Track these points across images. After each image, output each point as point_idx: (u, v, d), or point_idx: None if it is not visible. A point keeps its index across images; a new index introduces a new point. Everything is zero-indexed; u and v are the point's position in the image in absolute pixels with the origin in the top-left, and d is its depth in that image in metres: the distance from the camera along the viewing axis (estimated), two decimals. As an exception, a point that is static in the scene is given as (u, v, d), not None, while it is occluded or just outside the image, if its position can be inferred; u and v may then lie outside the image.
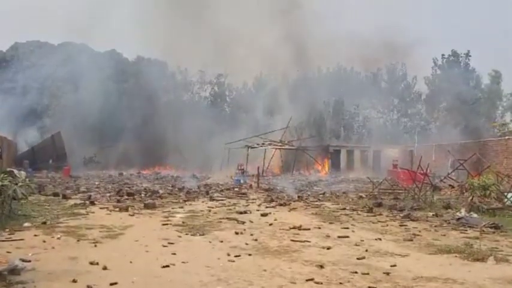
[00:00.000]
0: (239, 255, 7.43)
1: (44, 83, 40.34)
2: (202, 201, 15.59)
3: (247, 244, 8.37)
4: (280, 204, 14.86)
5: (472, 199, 13.12)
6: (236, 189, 20.81)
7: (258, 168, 24.59)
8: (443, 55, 49.22)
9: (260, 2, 50.79)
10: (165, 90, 49.18)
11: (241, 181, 24.26)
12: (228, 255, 7.45)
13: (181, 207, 13.77)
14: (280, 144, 36.23)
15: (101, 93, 39.22)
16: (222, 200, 16.13)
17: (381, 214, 12.82)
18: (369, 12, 70.45)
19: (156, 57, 47.13)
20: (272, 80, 52.02)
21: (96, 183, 23.21)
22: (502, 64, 69.07)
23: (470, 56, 48.07)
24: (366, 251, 7.95)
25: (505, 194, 13.84)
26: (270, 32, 46.01)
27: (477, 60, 49.34)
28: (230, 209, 13.49)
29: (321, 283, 6.00)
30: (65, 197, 15.57)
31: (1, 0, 61.62)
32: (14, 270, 5.92)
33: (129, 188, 20.27)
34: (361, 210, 13.50)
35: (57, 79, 40.26)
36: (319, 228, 10.30)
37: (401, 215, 12.42)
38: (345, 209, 13.96)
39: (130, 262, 6.88)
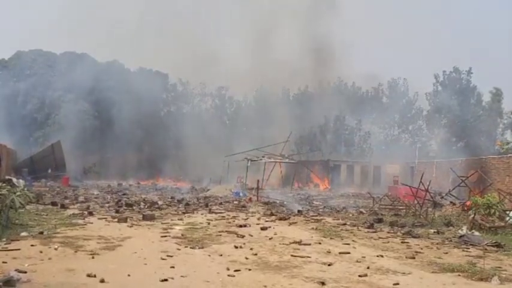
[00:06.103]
0: (239, 270, 7.31)
1: (45, 92, 40.35)
2: (202, 214, 15.45)
3: (247, 258, 8.24)
4: (280, 218, 14.71)
5: (473, 217, 12.99)
6: (235, 202, 20.67)
7: (258, 181, 24.44)
8: (444, 71, 49.32)
9: (261, 16, 51.20)
10: (165, 101, 49.33)
11: (241, 194, 24.14)
12: (228, 269, 7.33)
13: (181, 219, 13.65)
14: (280, 158, 36.10)
15: (101, 103, 39.33)
16: (221, 212, 15.99)
17: (381, 230, 12.69)
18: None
19: (158, 68, 47.33)
20: (273, 93, 52.18)
21: (95, 193, 23.09)
22: (503, 82, 69.35)
23: (471, 73, 48.17)
24: (368, 268, 7.82)
25: (507, 212, 13.72)
26: (271, 46, 46.25)
27: (478, 77, 49.21)
28: (229, 222, 13.36)
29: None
30: (63, 206, 15.48)
31: (5, 9, 62.05)
32: (9, 282, 5.81)
33: (128, 198, 20.15)
34: (362, 226, 13.38)
35: (59, 88, 40.26)
36: (320, 243, 10.17)
37: (402, 231, 12.30)
38: (345, 224, 13.82)
39: (128, 275, 6.75)
